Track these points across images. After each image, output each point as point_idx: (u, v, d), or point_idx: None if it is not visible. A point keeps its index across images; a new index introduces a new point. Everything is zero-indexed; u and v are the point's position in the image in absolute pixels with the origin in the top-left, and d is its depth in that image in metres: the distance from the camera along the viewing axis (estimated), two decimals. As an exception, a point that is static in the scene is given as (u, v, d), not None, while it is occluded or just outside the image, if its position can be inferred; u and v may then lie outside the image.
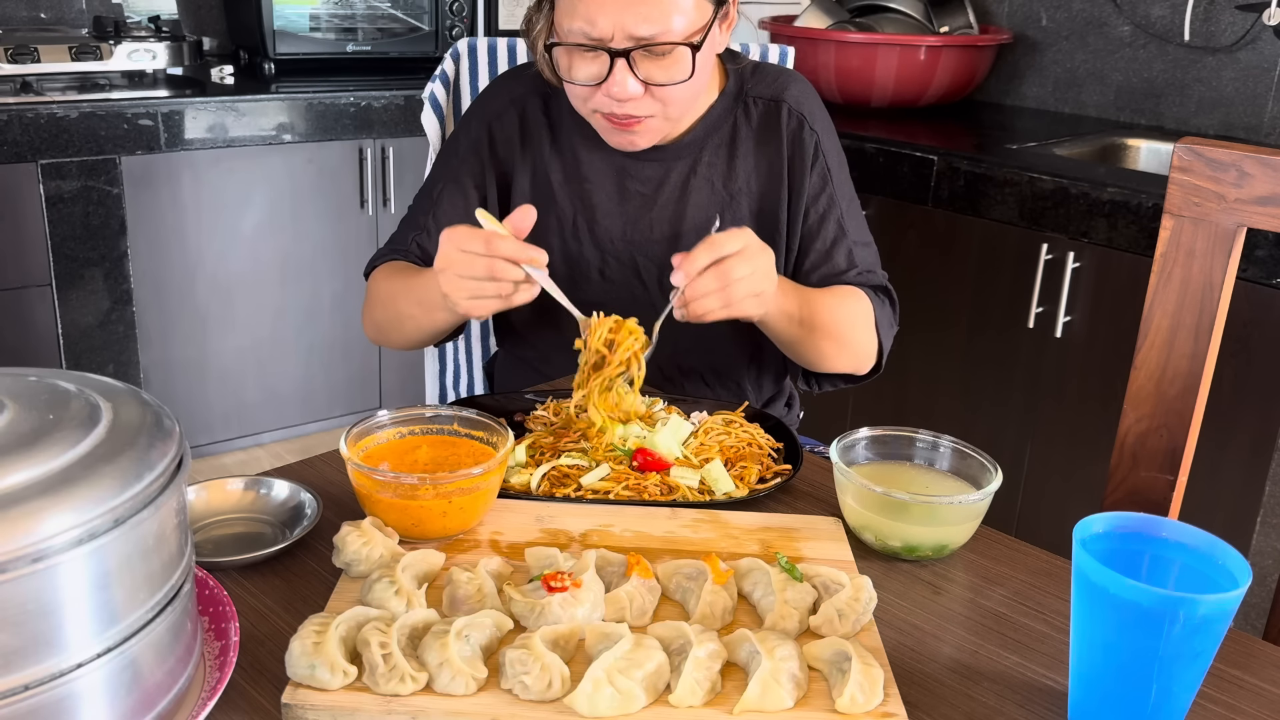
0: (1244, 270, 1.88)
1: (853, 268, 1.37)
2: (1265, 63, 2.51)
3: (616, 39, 1.19)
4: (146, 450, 0.67)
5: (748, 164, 1.37)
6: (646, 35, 1.18)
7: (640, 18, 1.18)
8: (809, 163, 1.36)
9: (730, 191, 1.36)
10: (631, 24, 1.18)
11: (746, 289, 1.12)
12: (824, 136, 1.38)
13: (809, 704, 0.76)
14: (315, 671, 0.74)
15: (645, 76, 1.22)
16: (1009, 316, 2.25)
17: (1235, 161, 1.12)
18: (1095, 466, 2.16)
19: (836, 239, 1.36)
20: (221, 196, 2.69)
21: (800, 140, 1.36)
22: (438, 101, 1.65)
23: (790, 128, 1.36)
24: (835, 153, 1.40)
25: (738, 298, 1.11)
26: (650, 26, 1.18)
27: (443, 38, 3.03)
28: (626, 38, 1.18)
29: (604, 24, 1.18)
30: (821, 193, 1.37)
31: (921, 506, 0.95)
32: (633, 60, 1.20)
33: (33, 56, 2.50)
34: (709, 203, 1.36)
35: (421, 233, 1.38)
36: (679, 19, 1.19)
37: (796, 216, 1.37)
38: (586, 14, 1.18)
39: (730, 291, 1.10)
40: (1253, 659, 0.86)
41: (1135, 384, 1.21)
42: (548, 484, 1.06)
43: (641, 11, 1.17)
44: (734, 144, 1.37)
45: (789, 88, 1.38)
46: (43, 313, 2.51)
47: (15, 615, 0.60)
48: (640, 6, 1.17)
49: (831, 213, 1.37)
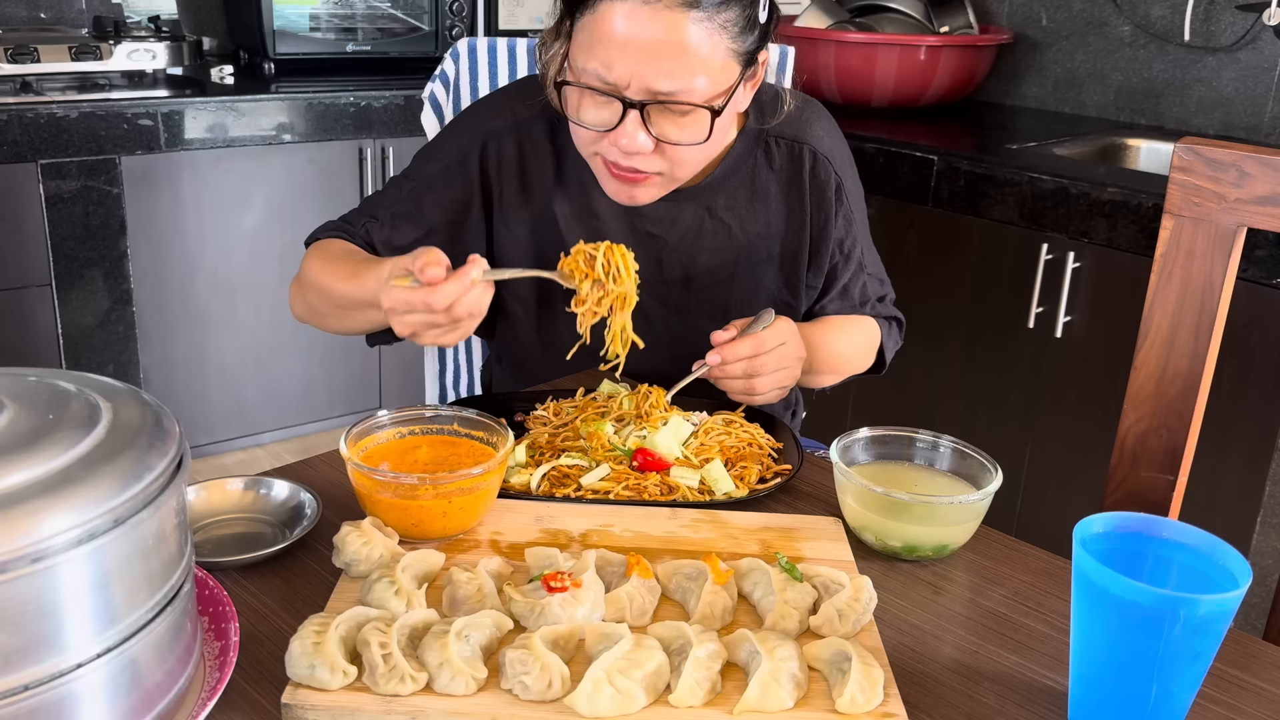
0: (1244, 270, 1.88)
1: (867, 301, 1.41)
2: (1265, 63, 2.51)
3: (633, 89, 1.09)
4: (146, 450, 0.66)
5: (768, 208, 1.31)
6: (666, 91, 1.09)
7: (662, 73, 1.08)
8: (833, 209, 1.32)
9: (748, 236, 1.32)
10: (651, 78, 1.08)
11: (773, 384, 1.18)
12: (846, 177, 1.34)
13: (809, 704, 0.76)
14: (315, 671, 0.74)
15: (658, 132, 1.12)
16: (1009, 317, 2.25)
17: (1235, 161, 1.12)
18: (1095, 466, 2.16)
19: (854, 275, 1.39)
20: (221, 196, 2.69)
21: (825, 186, 1.32)
22: (437, 101, 1.65)
23: (815, 173, 1.31)
24: (856, 191, 1.37)
25: (762, 390, 1.18)
26: (671, 83, 1.08)
27: (443, 38, 3.03)
28: (644, 90, 1.09)
29: (621, 71, 1.08)
30: (846, 236, 1.35)
31: (922, 507, 0.95)
32: (647, 114, 1.11)
33: (33, 56, 2.50)
34: (725, 246, 1.32)
35: (376, 223, 1.30)
36: (703, 79, 1.09)
37: (821, 261, 1.35)
38: (605, 57, 1.08)
39: (756, 383, 1.17)
40: (1253, 659, 0.86)
41: (1135, 384, 1.21)
42: (548, 484, 1.06)
43: (664, 66, 1.08)
44: (753, 186, 1.31)
45: (811, 126, 1.32)
46: (42, 313, 2.51)
47: (15, 615, 0.60)
48: (664, 60, 1.07)
49: (854, 253, 1.37)
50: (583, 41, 1.11)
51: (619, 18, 1.07)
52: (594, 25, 1.09)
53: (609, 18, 1.08)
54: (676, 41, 1.07)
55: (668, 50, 1.07)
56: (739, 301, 1.33)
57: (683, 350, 1.22)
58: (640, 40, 1.07)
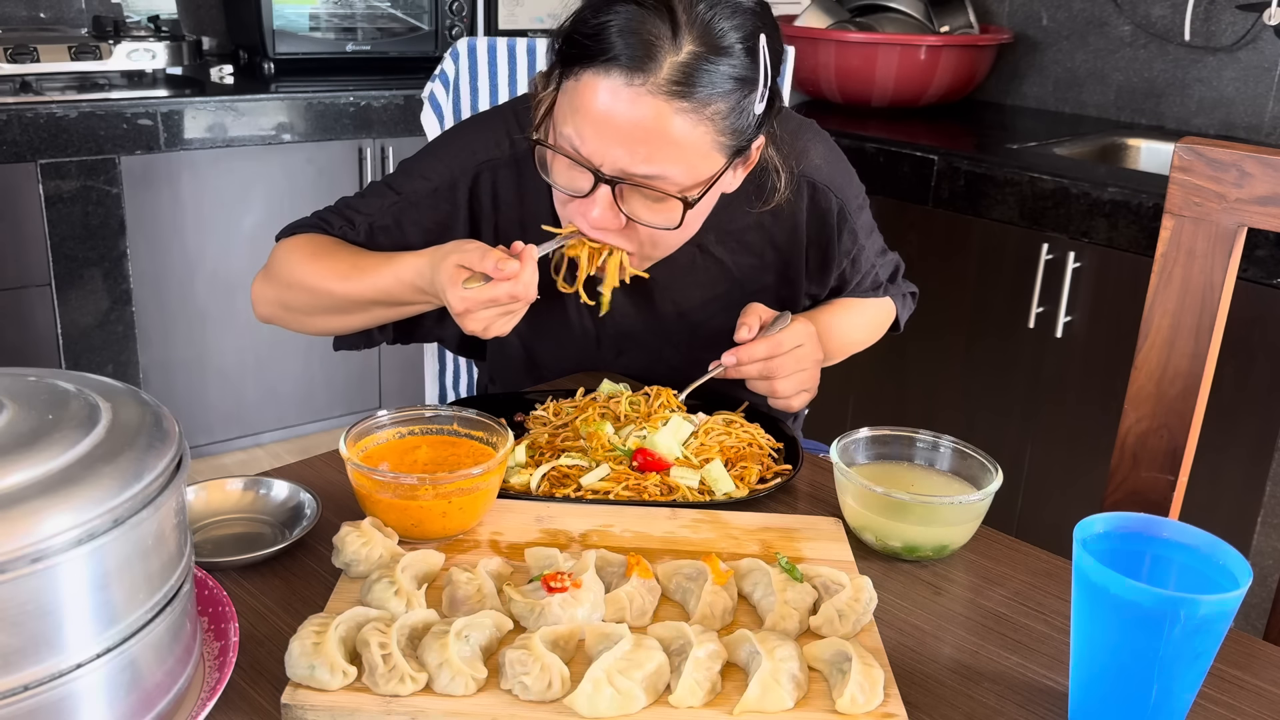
0: (1244, 270, 1.88)
1: (879, 286, 1.42)
2: (1265, 63, 2.51)
3: (606, 166, 1.04)
4: (146, 450, 0.66)
5: (762, 237, 1.28)
6: (640, 175, 1.04)
7: (638, 157, 1.02)
8: (835, 233, 1.29)
9: (741, 269, 1.29)
10: (626, 160, 1.03)
11: (795, 385, 1.20)
12: (848, 198, 1.30)
13: (809, 704, 0.76)
14: (315, 672, 0.74)
15: (629, 211, 1.08)
16: (1009, 317, 2.25)
17: (1236, 161, 1.12)
18: (1096, 467, 2.16)
19: (865, 274, 1.39)
20: (221, 196, 2.69)
21: (827, 213, 1.28)
22: (437, 101, 1.65)
23: (815, 203, 1.27)
24: (857, 201, 1.32)
25: (784, 393, 1.20)
26: (647, 168, 1.03)
27: (442, 37, 3.03)
28: (617, 170, 1.04)
29: (595, 149, 1.03)
30: (853, 248, 1.33)
31: (922, 507, 0.95)
32: (619, 192, 1.06)
33: (32, 56, 2.50)
34: (717, 280, 1.29)
35: (351, 229, 1.24)
36: (680, 168, 1.04)
37: (826, 279, 1.34)
38: (581, 130, 1.03)
39: (777, 385, 1.19)
40: (1253, 659, 0.86)
41: (1136, 384, 1.21)
42: (548, 484, 1.06)
43: (640, 152, 1.02)
44: (746, 219, 1.26)
45: (808, 155, 1.26)
46: (42, 313, 2.51)
47: (15, 615, 0.60)
48: (640, 146, 1.02)
49: (861, 258, 1.36)
50: (564, 105, 1.06)
51: (602, 93, 1.01)
52: (576, 93, 1.04)
53: (591, 91, 1.02)
54: (656, 130, 1.01)
55: (645, 136, 1.02)
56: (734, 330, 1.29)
57: (683, 378, 1.21)
58: (618, 121, 1.01)
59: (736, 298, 1.29)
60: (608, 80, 1.01)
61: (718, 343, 1.22)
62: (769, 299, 1.30)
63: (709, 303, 1.30)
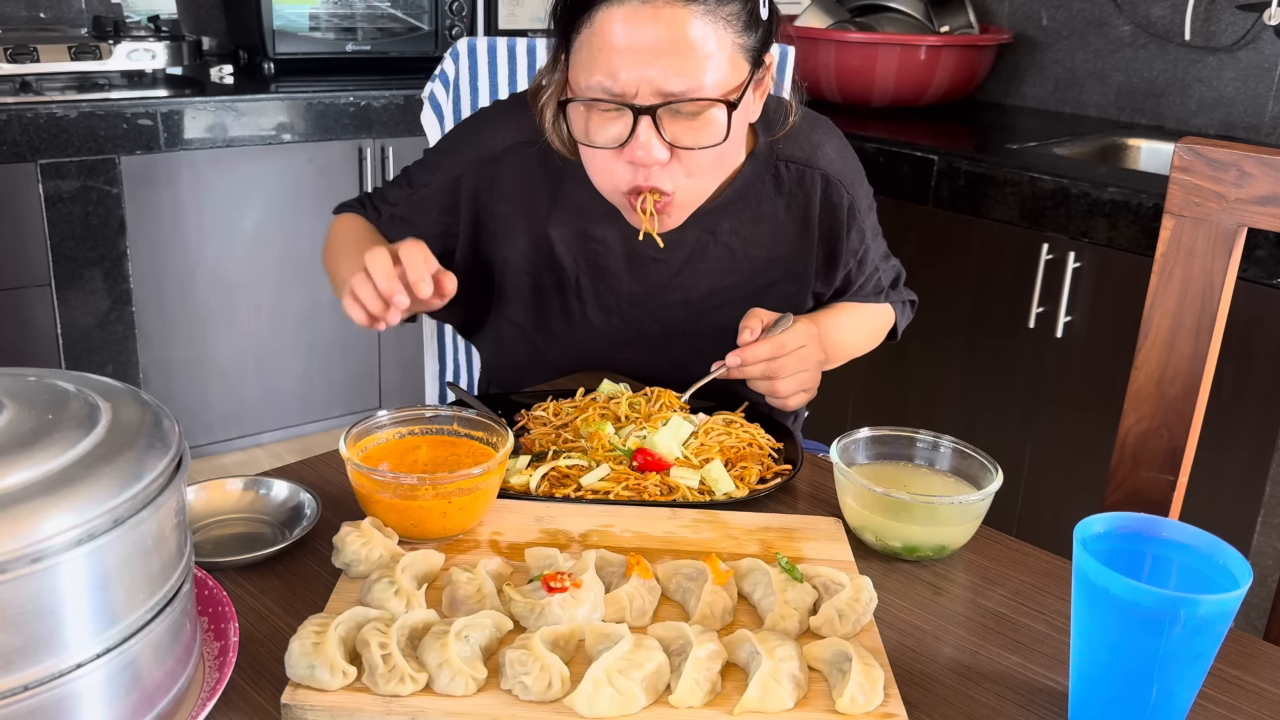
0: (1244, 270, 1.88)
1: (881, 291, 1.43)
2: (1265, 63, 2.51)
3: (642, 94, 1.06)
4: (146, 450, 0.66)
5: (774, 231, 1.29)
6: (676, 91, 1.05)
7: (671, 71, 1.04)
8: (845, 228, 1.31)
9: (753, 260, 1.30)
10: (660, 78, 1.04)
11: (795, 386, 1.20)
12: (859, 195, 1.32)
13: (809, 704, 0.76)
14: (315, 672, 0.74)
15: (672, 138, 1.08)
16: (1009, 317, 2.25)
17: (1236, 161, 1.12)
18: (1096, 467, 2.16)
19: (870, 275, 1.40)
20: (221, 196, 2.69)
21: (838, 208, 1.30)
22: (437, 101, 1.65)
23: (828, 196, 1.29)
24: (866, 200, 1.35)
25: (784, 393, 1.20)
26: (681, 81, 1.05)
27: (442, 37, 3.03)
28: (653, 93, 1.05)
29: (628, 77, 1.05)
30: (860, 246, 1.35)
31: (921, 507, 0.95)
32: (659, 120, 1.07)
33: (32, 56, 2.50)
34: (728, 270, 1.30)
35: (379, 217, 1.34)
36: (712, 75, 1.06)
37: (833, 276, 1.35)
38: (609, 66, 1.05)
39: (778, 385, 1.19)
40: (1253, 659, 0.86)
41: (1136, 384, 1.21)
42: (547, 484, 1.06)
43: (672, 64, 1.04)
44: (760, 210, 1.28)
45: (822, 149, 1.29)
46: (42, 313, 2.51)
47: (15, 615, 0.60)
48: (669, 58, 1.04)
49: (868, 257, 1.38)
50: (583, 59, 1.08)
51: (619, 22, 1.05)
52: (593, 37, 1.07)
53: (608, 25, 1.05)
54: (680, 38, 1.04)
55: (672, 48, 1.04)
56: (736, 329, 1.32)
57: (684, 374, 1.21)
58: (643, 42, 1.04)
59: (744, 292, 1.30)
60: (622, 8, 1.05)
61: (720, 339, 1.23)
62: (776, 295, 1.31)
63: (717, 293, 1.31)
